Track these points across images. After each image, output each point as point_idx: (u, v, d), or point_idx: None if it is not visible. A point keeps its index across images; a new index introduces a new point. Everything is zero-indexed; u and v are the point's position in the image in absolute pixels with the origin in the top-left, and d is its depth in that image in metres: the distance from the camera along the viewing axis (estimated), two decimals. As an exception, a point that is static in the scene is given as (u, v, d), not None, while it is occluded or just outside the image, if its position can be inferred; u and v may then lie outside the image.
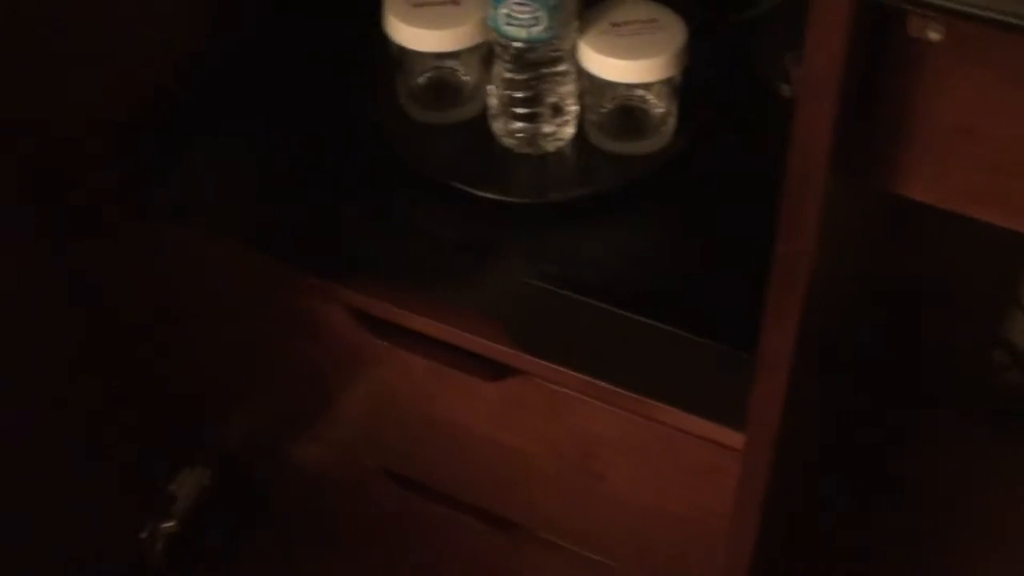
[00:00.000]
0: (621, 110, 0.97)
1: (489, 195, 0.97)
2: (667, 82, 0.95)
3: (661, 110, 0.97)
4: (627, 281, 0.93)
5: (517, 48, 0.93)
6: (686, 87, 0.96)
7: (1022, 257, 1.29)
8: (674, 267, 0.94)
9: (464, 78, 1.00)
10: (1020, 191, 0.71)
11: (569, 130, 0.98)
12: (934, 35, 0.62)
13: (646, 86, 0.95)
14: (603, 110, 0.97)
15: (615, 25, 0.95)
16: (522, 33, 0.92)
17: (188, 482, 1.23)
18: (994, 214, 0.73)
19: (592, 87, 0.96)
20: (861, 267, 1.00)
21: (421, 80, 1.00)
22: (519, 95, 0.96)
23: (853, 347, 1.20)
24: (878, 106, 0.71)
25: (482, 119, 1.00)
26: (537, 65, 0.94)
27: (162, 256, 1.07)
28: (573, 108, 0.97)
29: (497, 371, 0.98)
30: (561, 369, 0.95)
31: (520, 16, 0.91)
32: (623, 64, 0.93)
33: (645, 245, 0.96)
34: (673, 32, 0.94)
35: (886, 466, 1.35)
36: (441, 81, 1.00)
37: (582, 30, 0.94)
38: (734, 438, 0.86)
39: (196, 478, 1.23)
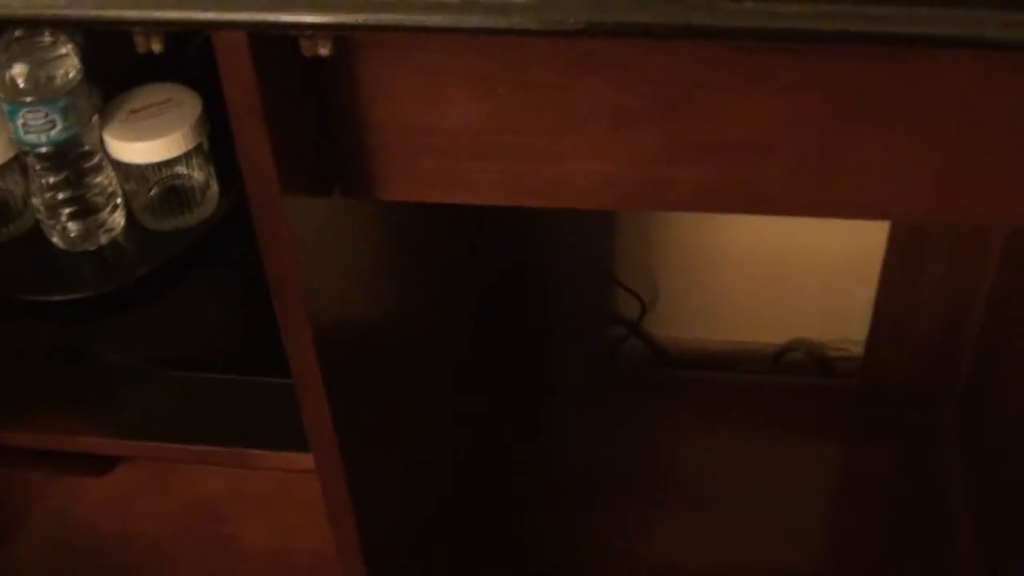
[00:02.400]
0: (165, 190, 1.02)
1: (58, 298, 1.00)
2: (196, 152, 1.00)
3: (200, 180, 1.01)
4: (201, 345, 0.97)
5: (44, 153, 0.97)
6: (221, 153, 1.01)
7: (608, 237, 1.38)
8: (243, 321, 0.98)
9: (11, 194, 1.02)
10: (475, 171, 0.78)
11: (119, 219, 1.02)
12: (324, 51, 0.69)
13: (177, 161, 1.00)
14: (148, 194, 1.02)
15: (134, 112, 0.99)
16: (42, 138, 0.96)
17: None
18: (462, 196, 0.80)
19: (129, 174, 1.01)
20: (418, 273, 1.06)
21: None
22: (61, 196, 0.99)
23: (464, 346, 1.26)
24: (334, 119, 0.77)
25: (37, 229, 1.03)
26: (69, 164, 0.98)
27: None
28: (118, 198, 1.01)
29: (102, 464, 1.00)
30: (160, 444, 0.98)
31: (35, 123, 0.95)
32: (146, 145, 0.98)
33: (213, 308, 1.00)
34: (189, 105, 0.99)
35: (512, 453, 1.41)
36: (-9, 201, 1.03)
37: (104, 123, 0.98)
38: (304, 460, 0.91)
39: None
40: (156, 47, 0.68)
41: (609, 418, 1.46)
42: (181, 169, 1.01)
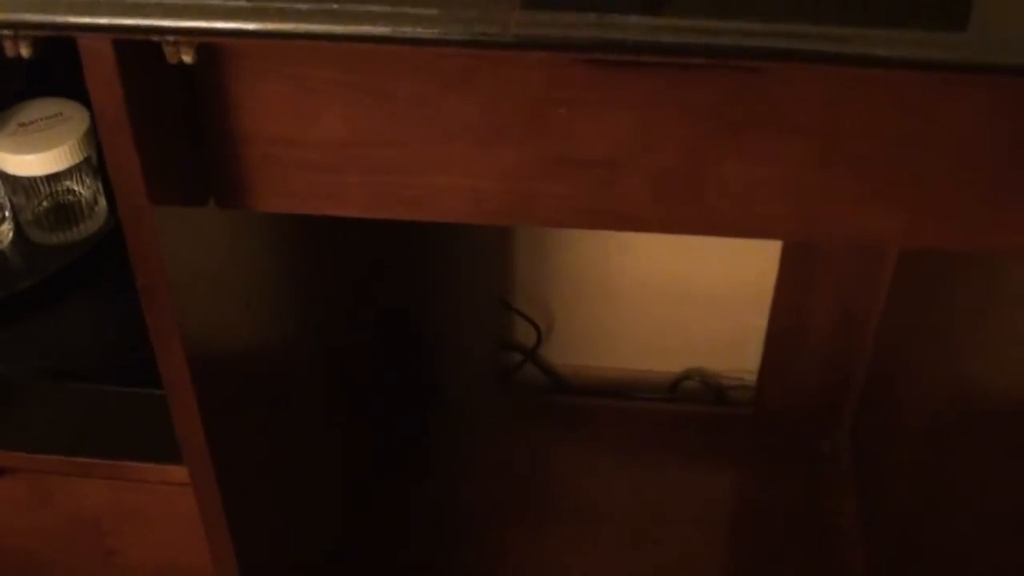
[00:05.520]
0: (53, 204, 1.02)
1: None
2: (84, 165, 1.01)
3: (88, 194, 1.02)
4: (86, 357, 0.98)
5: (-76, 164, 0.97)
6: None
7: (504, 262, 1.40)
8: (127, 335, 0.99)
9: None
10: (344, 183, 0.80)
11: (6, 231, 1.02)
12: (187, 58, 0.70)
13: (65, 174, 1.01)
14: (37, 209, 1.02)
15: (22, 125, 1.00)
16: (-78, 149, 0.96)
17: None
18: (332, 207, 0.81)
19: (17, 187, 1.01)
20: (299, 288, 1.08)
21: None
22: (-55, 208, 1.00)
23: (352, 368, 1.27)
24: (205, 130, 0.78)
25: (-77, 240, 1.03)
26: (-48, 177, 0.99)
27: None
28: (5, 211, 1.02)
29: (-12, 476, 1.00)
30: (40, 456, 0.98)
31: (-85, 133, 0.95)
32: (33, 158, 0.99)
33: (98, 321, 1.01)
34: (79, 119, 1.00)
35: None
36: None
37: (-9, 136, 0.99)
38: (179, 473, 0.92)
39: None
40: (24, 52, 0.69)
41: (503, 444, 1.47)
42: (69, 183, 1.02)
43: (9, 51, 0.71)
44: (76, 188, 1.02)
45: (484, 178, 0.79)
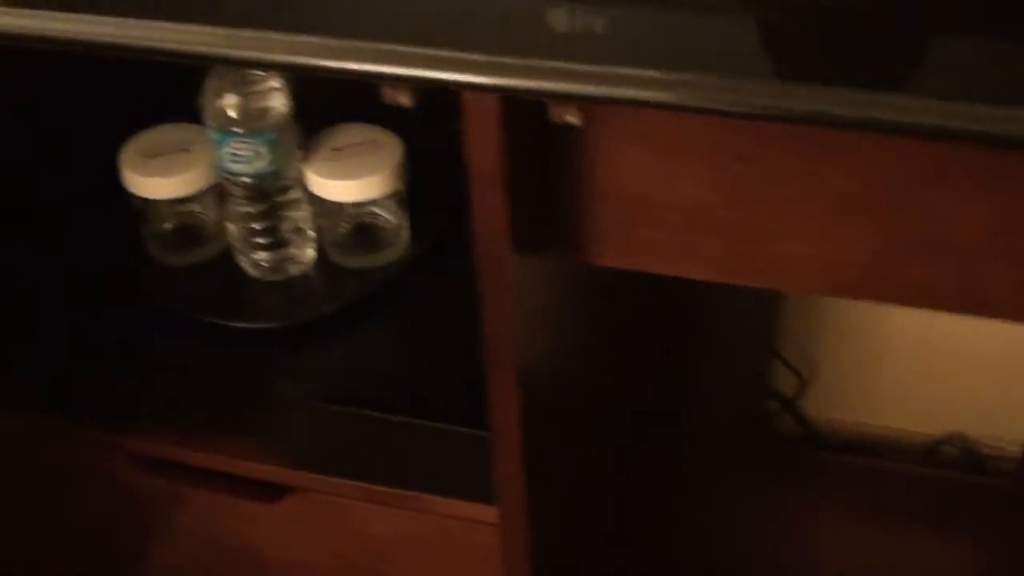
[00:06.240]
0: (356, 227, 1.03)
1: (243, 324, 1.01)
2: (393, 196, 1.01)
3: (393, 223, 1.02)
4: (382, 386, 0.98)
5: (245, 183, 0.98)
6: (414, 195, 1.02)
7: (774, 308, 1.37)
8: (423, 367, 0.99)
9: (204, 219, 1.04)
10: (694, 245, 0.78)
11: (310, 252, 1.03)
12: (573, 119, 0.69)
13: (373, 202, 1.01)
14: (339, 230, 1.03)
15: (335, 150, 1.01)
16: (247, 168, 0.97)
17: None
18: (677, 268, 0.80)
19: (324, 210, 1.02)
20: (600, 334, 1.07)
21: (166, 226, 1.04)
22: (257, 226, 1.01)
23: (623, 406, 1.26)
24: (557, 183, 0.78)
25: (228, 254, 1.04)
26: (268, 196, 1.00)
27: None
28: (310, 232, 1.03)
29: (275, 492, 1.01)
30: (333, 480, 0.99)
31: (242, 153, 0.97)
32: (347, 184, 0.99)
33: (393, 350, 1.01)
34: (391, 149, 1.00)
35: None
36: (184, 225, 1.04)
37: (305, 157, 1.00)
38: (488, 512, 0.91)
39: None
40: (404, 101, 0.69)
41: (753, 491, 1.45)
42: (376, 209, 1.02)
43: (387, 98, 0.71)
44: (382, 214, 1.02)
45: (839, 251, 0.77)
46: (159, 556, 1.12)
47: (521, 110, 0.69)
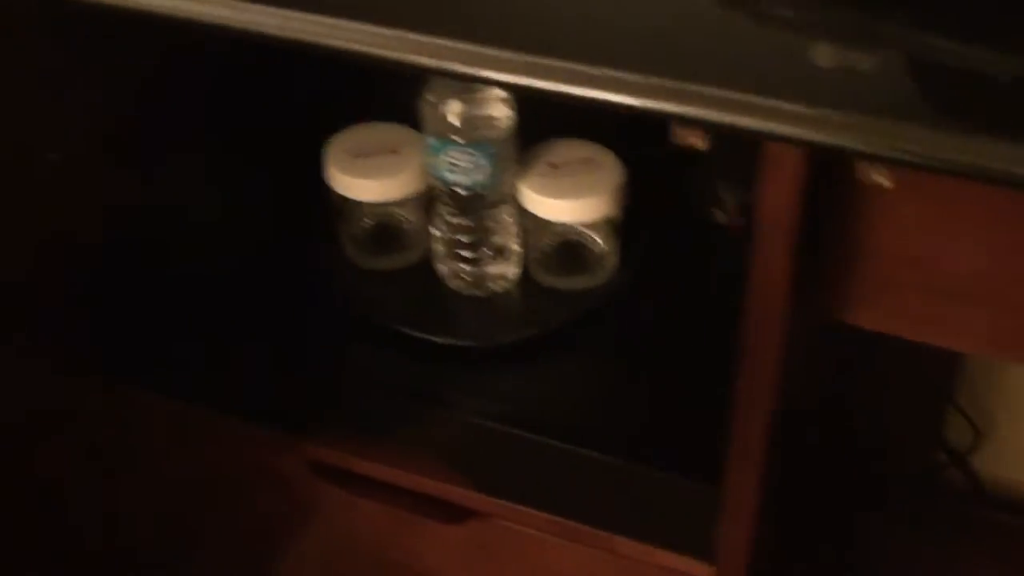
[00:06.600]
0: (563, 246, 0.99)
1: (440, 340, 0.97)
2: (607, 220, 0.97)
3: (601, 247, 0.98)
4: (580, 417, 0.94)
5: (459, 194, 0.94)
6: (623, 218, 0.98)
7: (958, 357, 1.32)
8: (624, 402, 0.95)
9: (407, 224, 1.01)
10: (962, 315, 0.74)
11: (514, 269, 0.99)
12: (884, 181, 0.64)
13: (586, 224, 0.97)
14: (545, 248, 0.99)
15: (553, 166, 0.97)
16: (465, 179, 0.94)
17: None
18: (939, 337, 0.75)
19: (534, 226, 0.98)
20: (813, 389, 1.02)
21: (365, 228, 1.01)
22: (464, 239, 0.97)
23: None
24: (826, 238, 0.73)
25: (426, 263, 1.01)
26: (480, 209, 0.96)
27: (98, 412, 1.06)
28: (516, 248, 0.99)
29: (458, 514, 0.98)
30: (522, 509, 0.95)
31: (461, 163, 0.93)
32: (564, 204, 0.95)
33: (594, 381, 0.97)
34: (610, 171, 0.96)
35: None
36: (384, 228, 1.01)
37: (521, 172, 0.96)
38: (701, 569, 0.87)
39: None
40: (698, 143, 0.65)
41: (915, 542, 1.39)
42: (587, 231, 0.98)
43: (678, 139, 0.66)
44: (592, 236, 0.98)
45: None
46: (319, 564, 1.09)
47: (828, 164, 0.64)
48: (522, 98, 0.93)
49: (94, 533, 1.14)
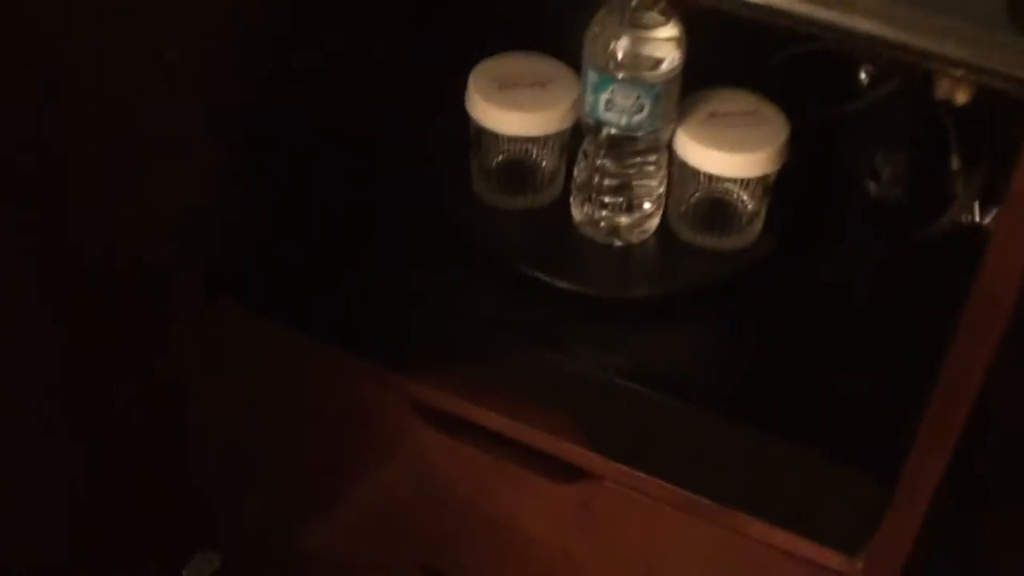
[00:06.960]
0: (709, 202, 0.93)
1: (568, 286, 0.92)
2: (762, 179, 0.91)
3: (751, 207, 0.92)
4: (716, 383, 0.89)
5: (613, 135, 0.88)
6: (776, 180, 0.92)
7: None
8: (762, 374, 0.89)
9: (542, 163, 0.94)
10: None
11: (654, 222, 0.94)
12: None
13: (740, 181, 0.91)
14: (690, 202, 0.93)
15: (714, 116, 0.90)
16: (622, 120, 0.87)
17: (200, 567, 1.16)
18: None
19: (682, 177, 0.92)
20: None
21: (497, 163, 0.94)
22: (607, 183, 0.91)
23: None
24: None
25: (557, 206, 0.95)
26: (631, 154, 0.90)
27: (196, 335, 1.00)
28: (661, 199, 0.93)
29: (569, 473, 0.92)
30: (641, 475, 0.90)
31: (622, 103, 0.87)
32: (722, 156, 0.89)
33: (727, 347, 0.92)
34: (774, 127, 0.90)
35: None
36: (518, 165, 0.94)
37: (680, 118, 0.89)
38: (843, 563, 0.82)
39: (208, 563, 1.16)
40: (961, 98, 0.58)
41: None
42: (737, 188, 0.92)
43: (941, 92, 0.60)
44: (742, 195, 0.92)
45: None
46: (415, 509, 1.03)
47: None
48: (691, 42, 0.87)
49: (198, 458, 1.09)
